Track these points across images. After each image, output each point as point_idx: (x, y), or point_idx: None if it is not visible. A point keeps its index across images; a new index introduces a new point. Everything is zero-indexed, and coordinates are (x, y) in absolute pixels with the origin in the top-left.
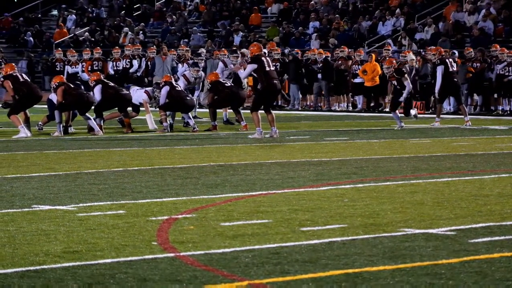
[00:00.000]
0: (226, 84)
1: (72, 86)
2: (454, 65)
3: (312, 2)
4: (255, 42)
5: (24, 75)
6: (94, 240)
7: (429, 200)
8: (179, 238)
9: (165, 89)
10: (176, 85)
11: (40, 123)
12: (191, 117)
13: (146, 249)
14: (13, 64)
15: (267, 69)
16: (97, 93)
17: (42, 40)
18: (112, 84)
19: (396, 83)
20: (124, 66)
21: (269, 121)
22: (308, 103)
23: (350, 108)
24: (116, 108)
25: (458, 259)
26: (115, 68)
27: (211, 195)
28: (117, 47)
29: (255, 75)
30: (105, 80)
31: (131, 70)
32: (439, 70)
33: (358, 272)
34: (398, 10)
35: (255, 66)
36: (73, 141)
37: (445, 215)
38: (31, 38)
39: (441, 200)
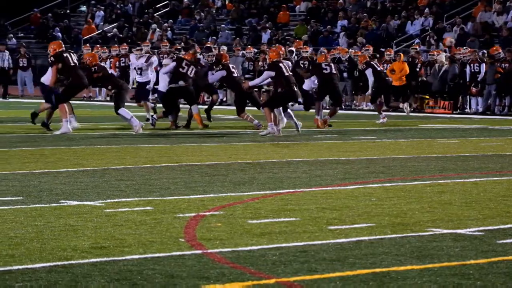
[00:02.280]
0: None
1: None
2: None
3: (341, 0)
4: (273, 48)
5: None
6: (122, 236)
7: (457, 200)
8: (206, 235)
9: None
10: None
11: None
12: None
13: (174, 245)
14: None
15: (286, 74)
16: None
17: (70, 36)
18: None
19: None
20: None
21: (273, 120)
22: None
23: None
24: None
25: (486, 259)
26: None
27: (239, 192)
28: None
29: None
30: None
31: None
32: (369, 73)
33: (386, 272)
34: (426, 10)
35: (272, 73)
36: (100, 137)
37: (473, 215)
38: (59, 34)
39: (469, 200)
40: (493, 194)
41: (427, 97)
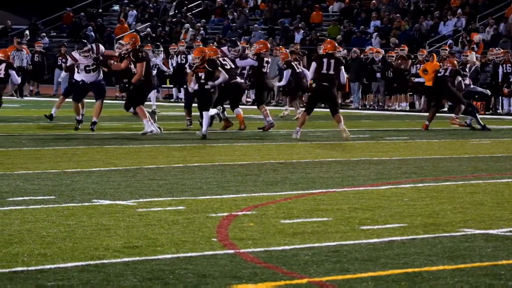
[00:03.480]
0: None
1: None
2: (301, 67)
3: (374, 1)
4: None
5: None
6: (154, 236)
7: (489, 200)
8: (238, 235)
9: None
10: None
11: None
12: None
13: (206, 245)
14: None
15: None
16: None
17: (103, 35)
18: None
19: (203, 76)
20: (179, 62)
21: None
22: (367, 102)
23: (408, 108)
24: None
25: None
26: (172, 65)
27: (271, 192)
28: (173, 44)
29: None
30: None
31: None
32: (286, 73)
33: (418, 272)
34: (459, 10)
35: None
36: (133, 137)
37: (505, 216)
38: (92, 33)
39: (501, 200)
40: None
41: None
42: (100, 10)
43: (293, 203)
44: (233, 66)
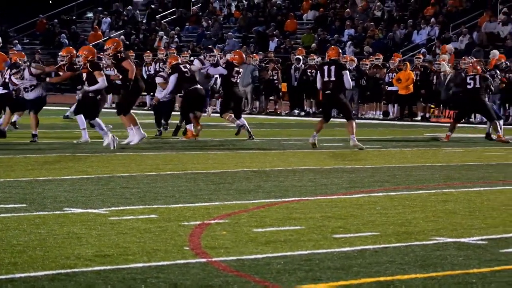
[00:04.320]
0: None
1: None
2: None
3: (348, 9)
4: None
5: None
6: (126, 244)
7: (461, 209)
8: (211, 244)
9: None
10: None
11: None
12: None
13: (178, 254)
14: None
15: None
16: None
17: (76, 42)
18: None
19: (86, 77)
20: (157, 70)
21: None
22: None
23: (381, 117)
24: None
25: (489, 268)
26: (147, 72)
27: (244, 200)
28: (148, 51)
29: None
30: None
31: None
32: (173, 78)
33: (390, 280)
34: (433, 19)
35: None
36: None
37: (477, 224)
38: (66, 40)
39: (473, 209)
40: (497, 203)
41: (433, 106)
42: (74, 17)
43: (266, 212)
44: (190, 75)
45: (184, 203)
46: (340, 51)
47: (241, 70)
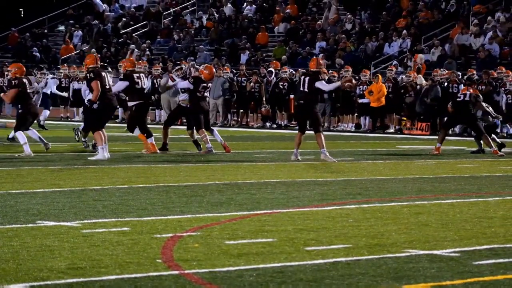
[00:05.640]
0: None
1: None
2: (110, 80)
3: (319, 22)
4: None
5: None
6: (99, 257)
7: (433, 221)
8: (183, 256)
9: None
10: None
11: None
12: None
13: (151, 266)
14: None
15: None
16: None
17: (48, 55)
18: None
19: (86, 85)
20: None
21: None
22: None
23: (353, 129)
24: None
25: (462, 280)
26: (156, 85)
27: (216, 213)
28: (158, 64)
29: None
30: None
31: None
32: (121, 84)
33: None
34: (404, 31)
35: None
36: (78, 158)
37: (450, 236)
38: (37, 54)
39: (445, 221)
40: (469, 216)
41: (405, 118)
42: (46, 31)
43: (238, 224)
44: (144, 86)
45: (157, 216)
46: (321, 62)
47: (209, 85)
